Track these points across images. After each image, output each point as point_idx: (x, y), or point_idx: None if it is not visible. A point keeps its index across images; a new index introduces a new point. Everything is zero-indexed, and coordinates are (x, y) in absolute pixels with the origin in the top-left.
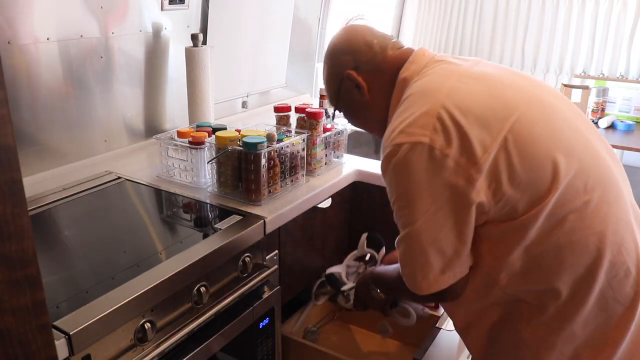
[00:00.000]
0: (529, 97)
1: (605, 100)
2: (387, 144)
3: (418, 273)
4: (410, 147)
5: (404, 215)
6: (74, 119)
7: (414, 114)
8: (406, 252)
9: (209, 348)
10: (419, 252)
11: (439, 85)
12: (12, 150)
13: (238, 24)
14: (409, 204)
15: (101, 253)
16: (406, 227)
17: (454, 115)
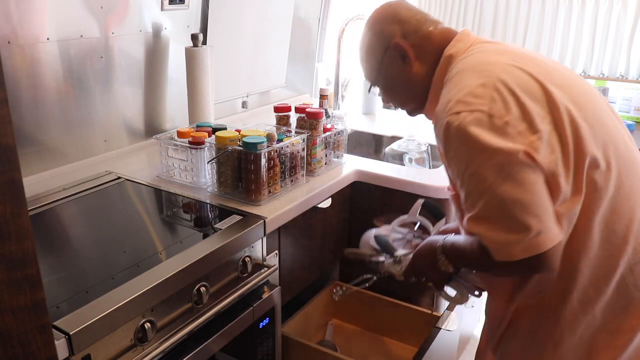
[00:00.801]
0: (574, 82)
1: None
2: (443, 115)
3: (511, 238)
4: (470, 115)
5: (480, 181)
6: (74, 119)
7: (470, 85)
8: (492, 219)
9: (209, 348)
10: (507, 216)
11: (493, 61)
12: (12, 150)
13: (238, 24)
14: (480, 169)
15: (101, 253)
16: (485, 193)
17: (511, 87)
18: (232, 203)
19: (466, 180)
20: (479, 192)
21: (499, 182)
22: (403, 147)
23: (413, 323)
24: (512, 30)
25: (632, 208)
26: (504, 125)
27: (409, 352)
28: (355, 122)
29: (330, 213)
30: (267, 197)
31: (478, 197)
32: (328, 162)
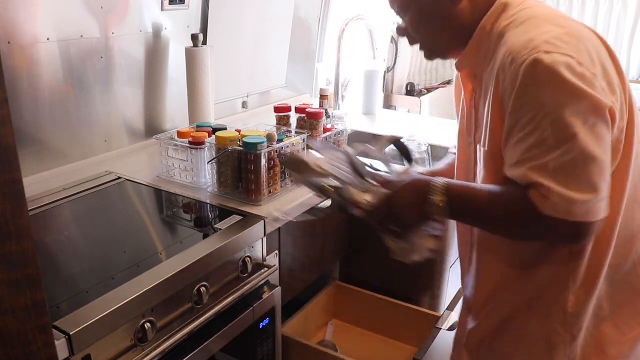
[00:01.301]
0: None
1: None
2: (526, 52)
3: (578, 196)
4: (562, 57)
5: (562, 128)
6: (74, 119)
7: (554, 31)
8: (564, 171)
9: (209, 348)
10: (582, 171)
11: (567, 18)
12: (12, 150)
13: (238, 24)
14: (565, 114)
15: (101, 253)
16: (565, 142)
17: (592, 44)
18: (232, 203)
19: (543, 125)
20: (556, 139)
21: (584, 132)
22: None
23: (413, 323)
24: None
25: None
26: (591, 77)
27: (409, 352)
28: (355, 122)
29: (330, 213)
30: (267, 197)
31: (554, 145)
32: None
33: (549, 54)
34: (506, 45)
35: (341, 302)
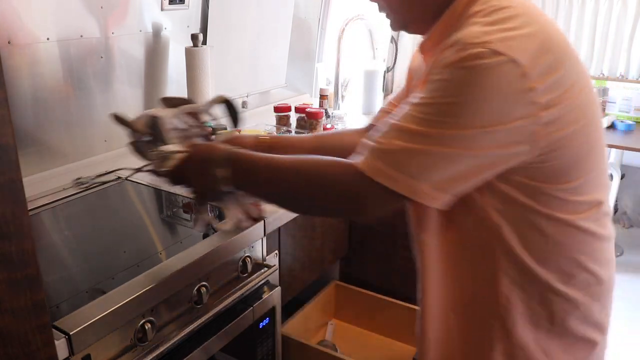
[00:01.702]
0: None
1: (605, 100)
2: (476, 42)
3: (419, 173)
4: (506, 61)
5: (455, 115)
6: (74, 118)
7: (518, 29)
8: (406, 148)
9: (209, 348)
10: (441, 158)
11: (540, 13)
12: (12, 150)
13: (238, 24)
14: (466, 111)
15: (101, 253)
16: (449, 128)
17: (556, 48)
18: None
19: (439, 106)
20: (444, 124)
21: (478, 131)
22: None
23: (413, 323)
24: None
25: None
26: (529, 88)
27: (409, 352)
28: (355, 122)
29: None
30: None
31: (439, 126)
32: None
33: (495, 54)
34: (462, 32)
35: (341, 302)
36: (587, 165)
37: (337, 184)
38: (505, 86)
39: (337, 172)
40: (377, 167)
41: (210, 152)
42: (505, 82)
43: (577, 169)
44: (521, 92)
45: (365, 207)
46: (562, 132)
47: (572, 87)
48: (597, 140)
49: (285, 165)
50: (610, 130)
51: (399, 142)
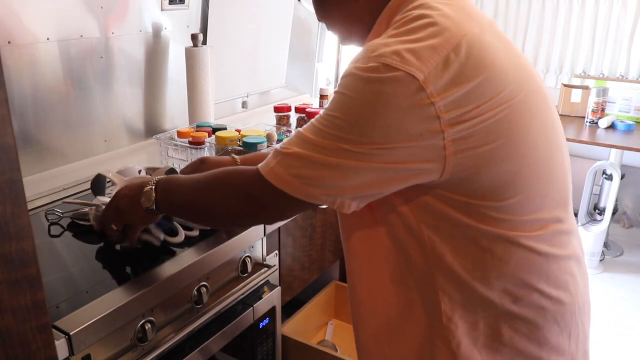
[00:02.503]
0: (535, 84)
1: (605, 100)
2: (372, 56)
3: (298, 172)
4: (401, 76)
5: (349, 132)
6: (74, 119)
7: (420, 41)
8: (304, 155)
9: (209, 348)
10: (321, 164)
11: (459, 22)
12: (12, 150)
13: (238, 24)
14: (360, 128)
15: (101, 253)
16: (344, 142)
17: (467, 66)
18: None
19: (333, 119)
20: (330, 136)
21: (366, 149)
22: None
23: None
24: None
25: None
26: (428, 104)
27: None
28: None
29: (330, 213)
30: None
31: (323, 137)
32: None
33: (388, 69)
34: (366, 44)
35: (341, 302)
36: (520, 183)
37: (240, 188)
38: (401, 102)
39: (242, 176)
40: (276, 171)
41: (146, 178)
42: (400, 98)
43: (507, 187)
44: (419, 108)
45: (269, 210)
46: (478, 150)
47: (489, 101)
48: (531, 157)
49: (200, 179)
50: (610, 130)
51: (298, 149)
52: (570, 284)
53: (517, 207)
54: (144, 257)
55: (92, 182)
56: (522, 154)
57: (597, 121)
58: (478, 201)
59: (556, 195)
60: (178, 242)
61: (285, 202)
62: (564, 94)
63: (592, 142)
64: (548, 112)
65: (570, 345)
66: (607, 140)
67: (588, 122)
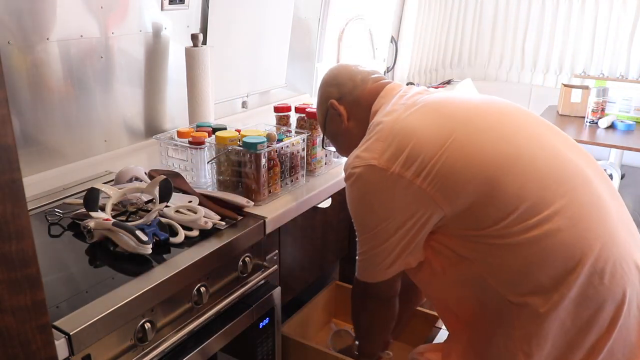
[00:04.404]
0: (470, 120)
1: (605, 100)
2: (345, 169)
3: (369, 265)
4: (363, 170)
5: (359, 224)
6: (74, 119)
7: (369, 140)
8: (366, 258)
9: (209, 348)
10: (369, 260)
11: (393, 117)
12: (12, 150)
13: (238, 23)
14: (362, 219)
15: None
16: (361, 234)
17: (399, 139)
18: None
19: (356, 227)
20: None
21: (379, 228)
22: None
23: (413, 323)
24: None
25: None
26: (390, 175)
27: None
28: None
29: (330, 213)
30: (267, 197)
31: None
32: (328, 162)
33: (355, 169)
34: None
35: (341, 302)
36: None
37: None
38: (375, 184)
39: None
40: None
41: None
42: (372, 182)
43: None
44: (386, 180)
45: (375, 296)
46: (452, 182)
47: (429, 153)
48: (501, 183)
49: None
50: (610, 130)
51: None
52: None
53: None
54: (144, 257)
55: (86, 196)
56: (493, 180)
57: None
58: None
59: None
60: (178, 242)
61: (373, 287)
62: (564, 94)
63: (592, 142)
64: (501, 124)
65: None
66: (607, 140)
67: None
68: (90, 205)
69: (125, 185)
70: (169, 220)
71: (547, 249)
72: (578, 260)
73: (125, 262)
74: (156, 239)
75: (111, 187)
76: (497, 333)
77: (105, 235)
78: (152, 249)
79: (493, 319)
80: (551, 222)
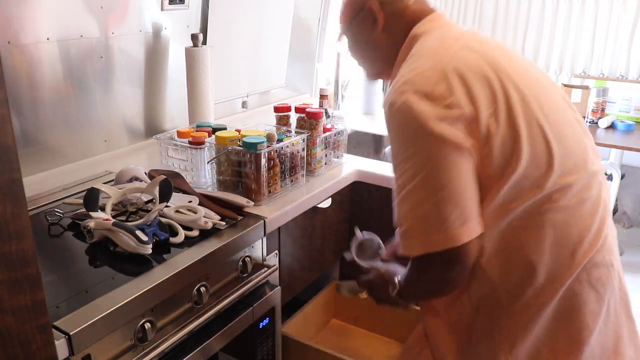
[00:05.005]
0: (531, 76)
1: (605, 100)
2: (390, 93)
3: (432, 226)
4: (413, 96)
5: (410, 167)
6: (74, 119)
7: (419, 67)
8: (414, 208)
9: (209, 348)
10: (431, 203)
11: (449, 45)
12: (12, 150)
13: (238, 23)
14: (414, 154)
15: (101, 253)
16: (413, 178)
17: (457, 72)
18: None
19: (398, 162)
20: (409, 177)
21: (431, 166)
22: None
23: (413, 323)
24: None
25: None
26: (444, 108)
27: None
28: (355, 122)
29: (330, 213)
30: (267, 197)
31: (409, 180)
32: (328, 162)
33: (402, 94)
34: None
35: (341, 302)
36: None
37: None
38: (426, 114)
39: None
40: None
41: (387, 279)
42: (424, 111)
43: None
44: (441, 111)
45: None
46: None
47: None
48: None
49: (410, 285)
50: (610, 130)
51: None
52: None
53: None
54: (144, 257)
55: (86, 196)
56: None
57: (597, 121)
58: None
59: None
60: (178, 242)
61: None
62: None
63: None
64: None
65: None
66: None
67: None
68: (90, 205)
69: (125, 185)
70: (169, 220)
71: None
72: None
73: (125, 262)
74: (156, 239)
75: (111, 187)
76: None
77: (105, 235)
78: (152, 249)
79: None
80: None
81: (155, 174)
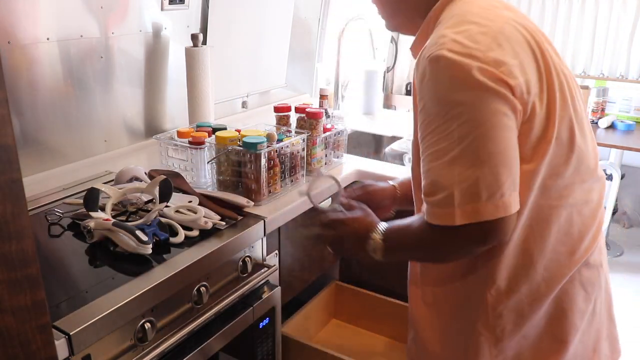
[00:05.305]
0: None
1: (605, 100)
2: (434, 48)
3: (484, 194)
4: (464, 56)
5: (457, 128)
6: (74, 119)
7: (470, 30)
8: (463, 172)
9: (209, 348)
10: (487, 167)
11: (498, 13)
12: (12, 150)
13: (238, 23)
14: (462, 113)
15: (101, 253)
16: (463, 139)
17: (510, 43)
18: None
19: (439, 124)
20: (459, 136)
21: (488, 125)
22: (403, 147)
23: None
24: None
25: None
26: (492, 76)
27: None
28: (355, 122)
29: None
30: (267, 197)
31: (458, 142)
32: (328, 162)
33: (451, 52)
34: (429, 39)
35: (341, 302)
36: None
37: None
38: (474, 76)
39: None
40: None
41: (373, 221)
42: (472, 72)
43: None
44: (491, 75)
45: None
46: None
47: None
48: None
49: (418, 238)
50: (610, 130)
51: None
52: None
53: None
54: (144, 257)
55: (86, 196)
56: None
57: (597, 121)
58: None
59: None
60: (178, 242)
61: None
62: None
63: None
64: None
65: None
66: (607, 140)
67: None
68: (90, 205)
69: (125, 185)
70: (169, 220)
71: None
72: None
73: (125, 262)
74: (156, 239)
75: (111, 187)
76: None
77: (105, 235)
78: (152, 249)
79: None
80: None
81: (155, 174)
